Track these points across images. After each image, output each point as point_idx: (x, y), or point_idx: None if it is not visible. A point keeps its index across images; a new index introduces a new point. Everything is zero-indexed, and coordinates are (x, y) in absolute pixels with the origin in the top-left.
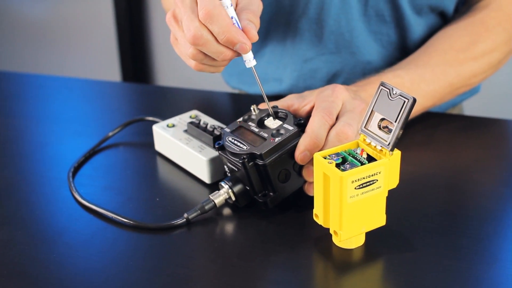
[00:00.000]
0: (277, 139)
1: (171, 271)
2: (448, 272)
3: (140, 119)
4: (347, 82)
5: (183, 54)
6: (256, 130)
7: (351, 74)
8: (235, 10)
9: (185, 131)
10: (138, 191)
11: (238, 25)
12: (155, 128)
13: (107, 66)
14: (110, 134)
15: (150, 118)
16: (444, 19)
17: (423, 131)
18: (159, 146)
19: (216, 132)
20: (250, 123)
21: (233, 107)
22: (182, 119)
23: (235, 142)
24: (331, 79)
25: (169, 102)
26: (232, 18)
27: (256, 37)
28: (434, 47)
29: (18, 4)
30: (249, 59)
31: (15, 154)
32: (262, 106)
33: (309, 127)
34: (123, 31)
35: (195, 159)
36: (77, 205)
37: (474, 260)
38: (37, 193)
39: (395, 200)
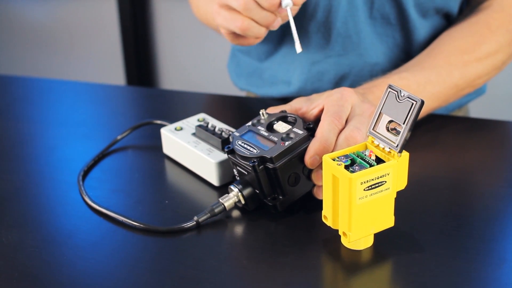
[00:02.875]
0: (287, 143)
1: (181, 273)
2: (456, 273)
3: (148, 122)
4: (355, 84)
5: (228, 19)
6: (266, 134)
7: (358, 76)
8: None
9: (193, 134)
10: (146, 194)
11: None
12: (163, 131)
13: (111, 70)
14: (119, 137)
15: (158, 122)
16: (448, 21)
17: (428, 132)
18: (167, 149)
19: (224, 135)
20: (259, 127)
21: (240, 110)
22: (190, 122)
23: (245, 145)
24: (338, 82)
25: (176, 106)
26: None
27: None
28: (438, 49)
29: (23, 9)
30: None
31: (24, 158)
32: (271, 110)
33: (319, 132)
34: (128, 35)
35: (204, 162)
36: (86, 208)
37: (482, 261)
38: (46, 196)
39: (402, 201)
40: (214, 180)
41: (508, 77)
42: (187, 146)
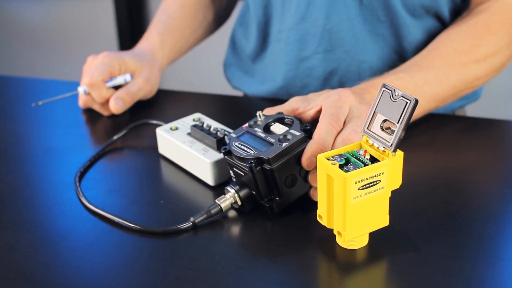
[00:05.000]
0: (284, 144)
1: (177, 274)
2: (452, 272)
3: (144, 122)
4: (343, 80)
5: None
6: (263, 135)
7: (346, 72)
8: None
9: (189, 134)
10: (142, 194)
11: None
12: (158, 131)
13: None
14: (115, 137)
15: (154, 122)
16: (442, 23)
17: (426, 132)
18: (162, 149)
19: (220, 135)
20: (256, 129)
21: (235, 110)
22: (185, 122)
23: (242, 147)
24: (327, 78)
25: (172, 106)
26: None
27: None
28: (437, 50)
29: (19, 9)
30: None
31: (19, 159)
32: (268, 111)
33: (316, 133)
34: (124, 35)
35: (199, 161)
36: (82, 208)
37: (477, 260)
38: (41, 196)
39: (398, 201)
40: (209, 179)
41: (505, 77)
42: (182, 146)
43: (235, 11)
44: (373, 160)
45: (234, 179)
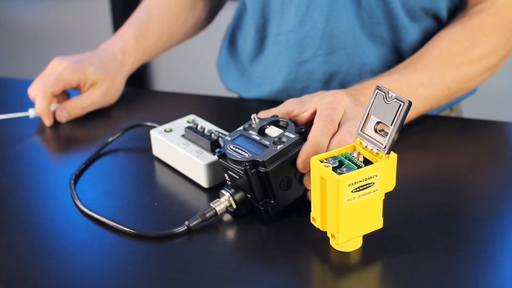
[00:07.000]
0: (279, 146)
1: (170, 276)
2: (446, 274)
3: (138, 124)
4: (343, 82)
5: None
6: (258, 138)
7: (347, 75)
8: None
9: (183, 135)
10: (136, 196)
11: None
12: (152, 133)
13: None
14: (110, 139)
15: (148, 123)
16: (439, 24)
17: (420, 133)
18: (157, 151)
19: (214, 137)
20: (251, 132)
21: (230, 112)
22: (180, 124)
23: (237, 150)
24: (327, 80)
25: (166, 107)
26: None
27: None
28: (431, 51)
29: (16, 10)
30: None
31: (13, 160)
32: (262, 114)
33: (311, 135)
34: None
35: (193, 163)
36: (76, 211)
37: (472, 262)
38: (35, 198)
39: (392, 203)
40: (203, 182)
41: (499, 77)
42: (176, 148)
43: (232, 11)
44: (367, 162)
45: (229, 183)
